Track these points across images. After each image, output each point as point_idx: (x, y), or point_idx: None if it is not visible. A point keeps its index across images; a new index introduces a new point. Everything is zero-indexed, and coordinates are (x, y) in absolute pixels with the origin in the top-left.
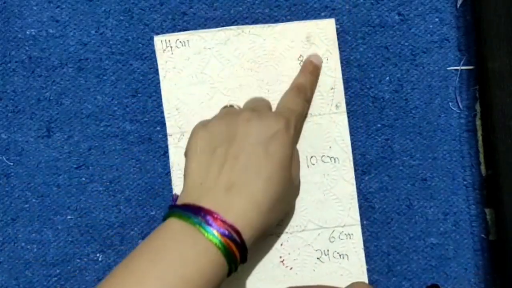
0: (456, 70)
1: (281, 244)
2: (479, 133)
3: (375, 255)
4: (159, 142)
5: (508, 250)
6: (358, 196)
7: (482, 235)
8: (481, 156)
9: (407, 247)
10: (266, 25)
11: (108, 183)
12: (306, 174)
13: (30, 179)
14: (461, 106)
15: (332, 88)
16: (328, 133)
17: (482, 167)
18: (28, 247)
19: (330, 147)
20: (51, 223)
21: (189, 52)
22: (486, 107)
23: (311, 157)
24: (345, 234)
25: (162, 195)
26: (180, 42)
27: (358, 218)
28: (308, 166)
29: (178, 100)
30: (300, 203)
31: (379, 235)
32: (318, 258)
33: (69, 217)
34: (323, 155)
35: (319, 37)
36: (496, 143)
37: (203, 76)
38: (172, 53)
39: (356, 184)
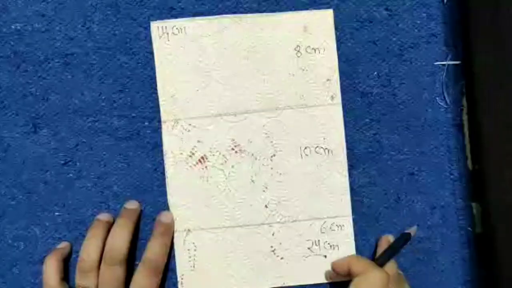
0: (443, 65)
1: (273, 234)
2: (466, 127)
3: (363, 249)
4: (147, 138)
5: (493, 242)
6: None
7: (469, 228)
8: (468, 150)
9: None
10: (264, 14)
11: (96, 179)
12: (299, 165)
13: (17, 176)
14: (448, 101)
15: (328, 80)
16: (322, 124)
17: (469, 162)
18: (15, 244)
19: (324, 138)
20: (38, 219)
21: (185, 39)
22: (472, 101)
23: (305, 148)
24: (337, 225)
25: (151, 190)
26: (177, 28)
27: (350, 209)
28: (301, 156)
29: (173, 87)
30: (292, 193)
31: (367, 229)
32: (309, 248)
33: (56, 213)
34: (317, 146)
35: (316, 27)
36: (483, 138)
37: (198, 63)
38: (168, 40)
39: None
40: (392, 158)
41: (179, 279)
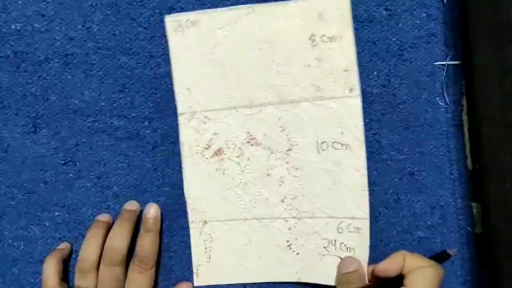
0: (443, 65)
1: (289, 229)
2: (466, 127)
3: None
4: (147, 138)
5: (493, 243)
6: None
7: (468, 229)
8: (468, 150)
9: (394, 241)
10: (278, 3)
11: (96, 179)
12: (315, 160)
13: (17, 176)
14: (448, 101)
15: (345, 70)
16: (340, 118)
17: (469, 162)
18: (15, 244)
19: (342, 133)
20: (38, 219)
21: (199, 32)
22: (472, 101)
23: (322, 142)
24: (353, 226)
25: (151, 191)
26: (191, 22)
27: (368, 211)
28: (318, 151)
29: (189, 80)
30: (309, 189)
31: None
32: (325, 248)
33: (56, 213)
34: (335, 141)
35: (332, 14)
36: (483, 137)
37: (213, 56)
38: (183, 33)
39: None
40: (391, 158)
41: (194, 269)
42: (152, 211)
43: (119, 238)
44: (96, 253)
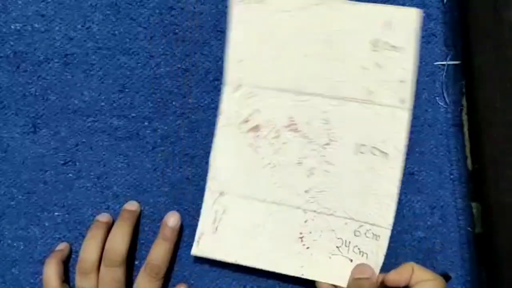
0: (443, 65)
1: (305, 221)
2: (466, 127)
3: None
4: (147, 138)
5: (493, 243)
6: None
7: (468, 229)
8: (468, 150)
9: (394, 241)
10: (349, 1)
11: (95, 179)
12: (351, 161)
13: (16, 176)
14: (447, 101)
15: (401, 81)
16: (385, 126)
17: (469, 161)
18: (15, 244)
19: (384, 141)
20: (38, 220)
21: (265, 10)
22: (472, 101)
23: (362, 145)
24: (372, 233)
25: (150, 191)
26: None
27: (391, 223)
28: (355, 153)
29: (243, 53)
30: (337, 187)
31: None
32: (337, 247)
33: (56, 213)
34: (374, 147)
35: (400, 25)
36: (482, 137)
37: (273, 36)
38: (248, 7)
39: None
40: None
41: (196, 237)
42: (173, 220)
43: (119, 239)
44: (96, 254)
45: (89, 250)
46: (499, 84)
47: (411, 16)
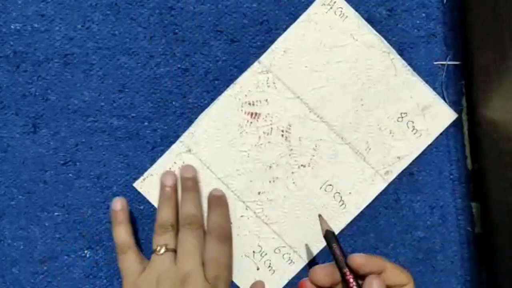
0: (443, 65)
1: (241, 216)
2: (465, 127)
3: (362, 249)
4: (147, 138)
5: (493, 243)
6: None
7: (468, 228)
8: (467, 150)
9: (394, 241)
10: (409, 68)
11: (95, 179)
12: (313, 193)
13: (16, 176)
14: (447, 101)
15: (398, 157)
16: (361, 183)
17: (468, 161)
18: (15, 244)
19: (351, 194)
20: (38, 219)
21: (338, 25)
22: (472, 101)
23: (330, 185)
24: (290, 257)
25: None
26: (341, 11)
27: (311, 259)
28: (320, 188)
29: (291, 47)
30: (286, 205)
31: (367, 229)
32: (253, 252)
33: (56, 213)
34: (339, 193)
35: (434, 116)
36: (482, 137)
37: (324, 52)
38: (326, 13)
39: None
40: None
41: (145, 175)
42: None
43: (192, 206)
44: (174, 215)
45: (167, 211)
46: (499, 84)
47: (448, 116)
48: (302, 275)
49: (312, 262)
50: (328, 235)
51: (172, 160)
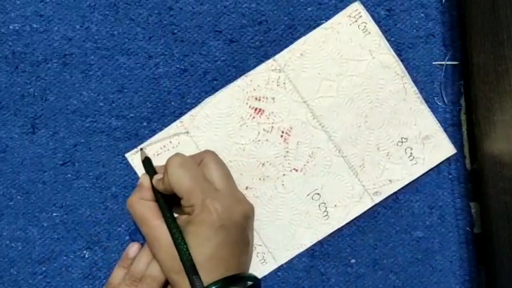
0: (441, 65)
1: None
2: (464, 127)
3: (361, 249)
4: (146, 138)
5: (492, 242)
6: None
7: (467, 228)
8: (466, 150)
9: (393, 241)
10: (420, 97)
11: (94, 180)
12: (301, 198)
13: (15, 176)
14: (446, 101)
15: (390, 181)
16: (348, 198)
17: (467, 161)
18: (13, 245)
19: (336, 206)
20: (36, 220)
21: (359, 39)
22: (470, 101)
23: (318, 194)
24: (264, 256)
25: None
26: (364, 26)
27: (284, 262)
28: (308, 195)
29: (308, 51)
30: (271, 204)
31: (366, 229)
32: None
33: (54, 214)
34: (324, 203)
35: (433, 148)
36: (481, 137)
37: (341, 63)
38: (350, 25)
39: None
40: None
41: (139, 147)
42: (135, 248)
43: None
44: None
45: (120, 273)
46: (497, 84)
47: (447, 150)
48: (272, 278)
49: (284, 266)
50: (146, 161)
51: (168, 140)
